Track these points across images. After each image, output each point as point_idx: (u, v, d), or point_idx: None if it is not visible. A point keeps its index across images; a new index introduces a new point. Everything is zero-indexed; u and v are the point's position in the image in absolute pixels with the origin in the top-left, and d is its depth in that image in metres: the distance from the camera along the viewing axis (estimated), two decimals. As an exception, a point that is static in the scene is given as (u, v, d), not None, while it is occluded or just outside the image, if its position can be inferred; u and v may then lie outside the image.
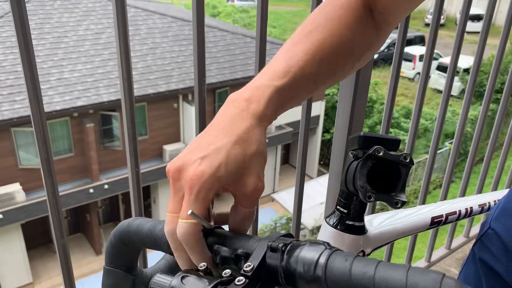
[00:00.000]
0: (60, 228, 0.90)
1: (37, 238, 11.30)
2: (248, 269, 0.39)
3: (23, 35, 0.72)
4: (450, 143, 13.55)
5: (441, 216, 0.82)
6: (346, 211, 0.58)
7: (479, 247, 0.79)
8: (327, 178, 1.29)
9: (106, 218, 12.83)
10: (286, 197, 12.28)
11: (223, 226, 0.49)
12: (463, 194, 1.82)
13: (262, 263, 0.39)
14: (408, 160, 0.48)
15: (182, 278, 0.40)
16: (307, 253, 0.38)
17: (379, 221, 0.76)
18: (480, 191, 1.92)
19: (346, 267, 0.36)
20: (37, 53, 10.44)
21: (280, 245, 0.39)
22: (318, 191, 11.32)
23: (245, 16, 26.56)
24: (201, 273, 0.41)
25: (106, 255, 0.54)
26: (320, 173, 15.26)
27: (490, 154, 1.84)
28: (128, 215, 12.40)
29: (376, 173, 0.50)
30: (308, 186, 11.49)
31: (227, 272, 0.40)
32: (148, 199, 12.75)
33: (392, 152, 0.49)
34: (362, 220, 0.61)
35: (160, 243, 0.49)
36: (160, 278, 0.42)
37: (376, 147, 0.48)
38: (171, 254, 0.48)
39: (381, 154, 0.48)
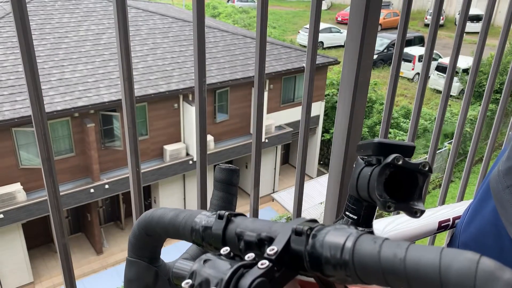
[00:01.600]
0: (61, 228, 0.91)
1: (38, 238, 11.31)
2: (271, 252, 0.37)
3: (24, 35, 0.73)
4: (449, 143, 13.55)
5: (448, 220, 0.80)
6: (355, 217, 0.57)
7: None
8: (327, 178, 1.29)
9: (107, 218, 12.83)
10: (286, 197, 12.27)
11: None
12: (462, 194, 1.82)
13: (287, 247, 0.38)
14: (427, 168, 0.47)
15: (205, 261, 0.39)
16: (333, 237, 0.36)
17: (383, 226, 0.74)
18: (479, 191, 1.91)
19: (375, 249, 0.34)
20: (38, 54, 10.45)
21: (305, 228, 0.38)
22: (318, 191, 11.33)
23: (245, 16, 26.57)
24: (224, 258, 0.40)
25: (129, 246, 0.54)
26: (319, 173, 15.26)
27: (489, 154, 1.84)
28: (128, 214, 12.40)
29: (391, 180, 0.49)
30: (308, 185, 11.49)
31: (250, 256, 0.39)
32: (148, 199, 12.76)
33: (410, 160, 0.48)
34: (371, 226, 0.59)
35: (182, 232, 0.48)
36: (182, 264, 0.40)
37: (395, 155, 0.47)
38: (194, 243, 0.47)
39: (400, 162, 0.47)
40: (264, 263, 0.36)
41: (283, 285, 0.38)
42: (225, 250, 0.41)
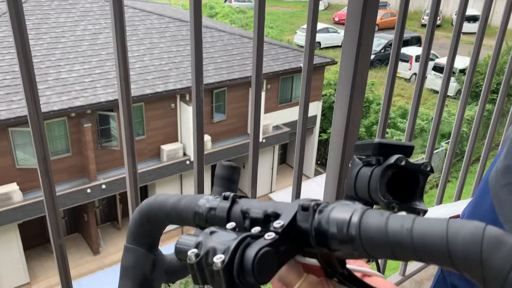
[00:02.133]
0: (57, 228, 0.91)
1: (35, 238, 11.27)
2: (278, 225, 0.37)
3: (20, 35, 0.72)
4: (446, 143, 13.59)
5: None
6: None
7: (449, 271, 0.78)
8: (324, 178, 1.29)
9: (104, 218, 12.80)
10: (283, 197, 12.30)
11: None
12: (459, 194, 1.82)
13: (293, 222, 0.38)
14: (428, 168, 0.48)
15: (211, 233, 0.38)
16: (339, 213, 0.37)
17: None
18: (476, 191, 1.92)
19: (382, 221, 0.34)
20: (34, 53, 10.41)
21: (312, 203, 0.38)
22: (315, 191, 11.34)
23: (242, 16, 26.57)
24: (230, 231, 0.39)
25: (128, 233, 0.54)
26: (317, 173, 15.29)
27: (486, 154, 1.85)
28: (125, 215, 12.38)
29: (391, 180, 0.49)
30: (305, 185, 11.49)
31: (256, 228, 0.39)
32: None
33: (412, 161, 0.48)
34: None
35: (185, 216, 0.47)
36: (186, 238, 0.40)
37: (398, 156, 0.47)
38: (197, 226, 0.47)
39: (403, 163, 0.47)
40: (270, 235, 0.37)
41: (288, 259, 0.38)
42: (230, 225, 0.41)
